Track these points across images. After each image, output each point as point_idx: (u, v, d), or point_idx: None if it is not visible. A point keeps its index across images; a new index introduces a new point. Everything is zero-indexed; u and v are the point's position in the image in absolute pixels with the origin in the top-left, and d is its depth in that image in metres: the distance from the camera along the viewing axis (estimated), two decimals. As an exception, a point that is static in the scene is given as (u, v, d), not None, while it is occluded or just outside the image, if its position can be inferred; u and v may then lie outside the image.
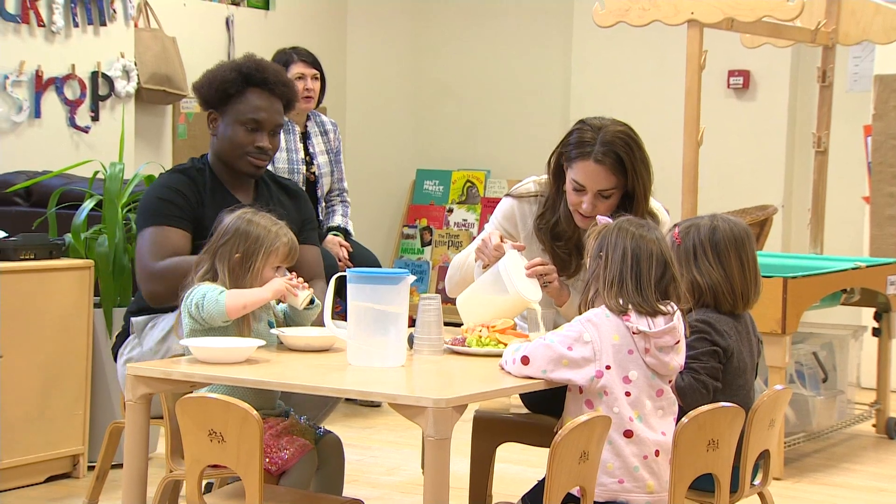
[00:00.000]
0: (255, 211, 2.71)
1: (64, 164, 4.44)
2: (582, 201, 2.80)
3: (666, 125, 5.99)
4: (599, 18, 4.31)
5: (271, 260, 2.65)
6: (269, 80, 3.00)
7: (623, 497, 2.38)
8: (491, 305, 2.72)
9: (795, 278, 3.97)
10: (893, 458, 4.41)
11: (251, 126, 2.98)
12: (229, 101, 2.98)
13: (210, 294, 2.57)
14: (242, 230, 2.66)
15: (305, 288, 2.67)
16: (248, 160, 2.99)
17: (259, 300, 2.60)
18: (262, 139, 2.98)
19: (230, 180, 3.01)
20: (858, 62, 6.12)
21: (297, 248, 2.71)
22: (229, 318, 2.57)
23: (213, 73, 3.05)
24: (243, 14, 6.02)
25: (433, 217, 6.96)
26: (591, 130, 2.79)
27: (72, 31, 5.00)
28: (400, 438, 4.42)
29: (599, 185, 2.78)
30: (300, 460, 2.58)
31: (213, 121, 3.03)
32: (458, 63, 6.96)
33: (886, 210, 5.59)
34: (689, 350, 2.52)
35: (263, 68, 3.02)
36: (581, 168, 2.78)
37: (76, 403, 3.75)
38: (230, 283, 2.62)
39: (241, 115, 2.98)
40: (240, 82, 2.99)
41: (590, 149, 2.77)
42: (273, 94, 3.01)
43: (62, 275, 3.70)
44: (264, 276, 2.64)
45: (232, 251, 2.64)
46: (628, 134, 2.80)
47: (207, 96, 3.02)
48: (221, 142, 3.00)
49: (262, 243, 2.64)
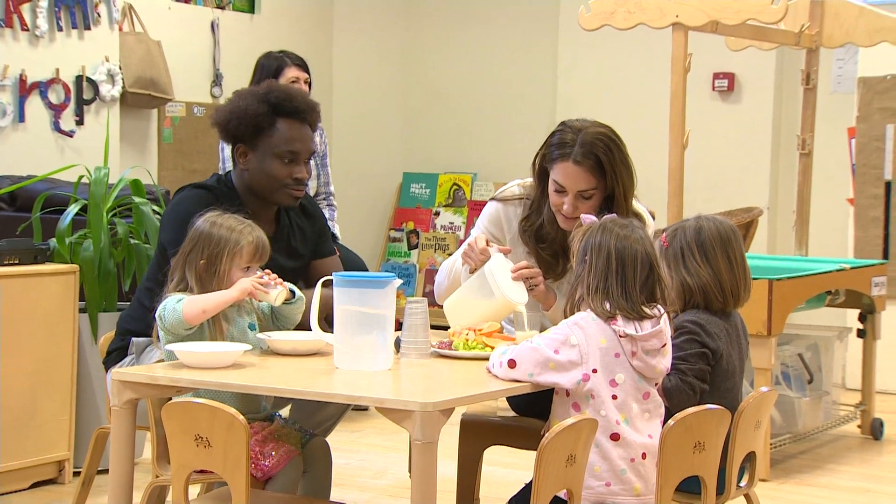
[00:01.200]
0: (220, 213, 2.68)
1: (48, 168, 4.42)
2: (563, 202, 2.81)
3: (652, 128, 6.01)
4: (585, 21, 4.32)
5: (237, 261, 2.62)
6: (300, 109, 2.92)
7: (610, 500, 2.38)
8: (478, 309, 2.73)
9: (781, 280, 3.99)
10: (878, 458, 4.43)
11: (288, 158, 2.89)
12: (260, 134, 2.89)
13: (169, 303, 2.55)
14: (206, 234, 2.62)
15: (279, 284, 2.63)
16: (286, 192, 2.91)
17: (222, 302, 2.56)
18: (300, 171, 2.91)
19: (258, 212, 2.91)
20: (842, 64, 6.15)
21: (264, 246, 2.66)
22: (190, 325, 2.54)
23: (237, 105, 2.92)
24: (228, 17, 6.01)
25: (420, 220, 6.96)
26: (572, 132, 2.81)
27: (56, 35, 4.98)
28: (387, 442, 4.41)
29: (579, 186, 2.79)
30: (286, 466, 2.57)
31: (243, 154, 2.93)
32: (444, 66, 6.97)
33: (870, 212, 5.62)
34: (678, 351, 2.53)
35: (292, 97, 2.93)
36: (561, 169, 2.80)
37: (62, 409, 3.73)
38: (198, 289, 2.60)
39: (277, 147, 2.89)
40: (270, 114, 2.90)
41: (569, 150, 2.78)
42: (304, 122, 2.93)
43: (47, 280, 3.68)
44: (232, 279, 2.61)
45: (197, 258, 2.62)
46: (608, 135, 2.81)
47: (236, 132, 2.91)
48: (255, 175, 2.91)
49: (226, 245, 2.61)
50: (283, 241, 2.98)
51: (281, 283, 2.64)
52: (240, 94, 2.99)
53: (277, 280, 2.64)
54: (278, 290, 2.63)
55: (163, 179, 5.54)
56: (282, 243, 2.97)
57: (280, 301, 2.64)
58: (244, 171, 2.94)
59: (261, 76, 4.43)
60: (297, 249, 3.02)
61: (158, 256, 2.89)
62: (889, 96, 5.56)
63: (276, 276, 2.65)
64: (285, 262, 2.92)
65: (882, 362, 4.93)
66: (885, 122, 5.57)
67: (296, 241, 3.02)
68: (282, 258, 2.93)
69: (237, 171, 2.97)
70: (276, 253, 2.90)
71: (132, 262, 3.87)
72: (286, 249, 2.98)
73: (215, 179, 3.00)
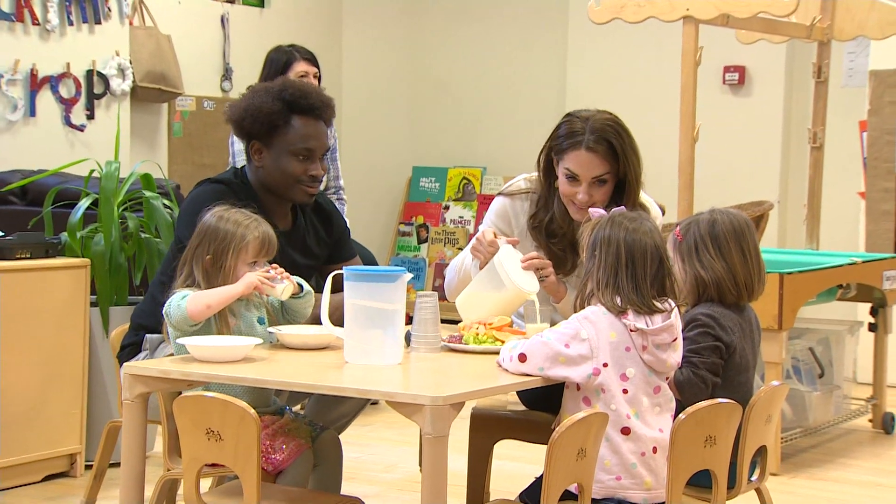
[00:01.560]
0: (227, 207, 2.68)
1: (59, 162, 4.43)
2: (577, 191, 2.81)
3: (662, 122, 6.00)
4: (595, 15, 4.31)
5: (243, 256, 2.62)
6: (315, 106, 2.91)
7: (620, 494, 2.38)
8: (489, 302, 2.72)
9: (791, 274, 3.98)
10: (890, 452, 4.42)
11: (303, 155, 2.89)
12: (276, 131, 2.88)
13: (174, 300, 2.55)
14: (212, 230, 2.63)
15: (286, 278, 2.63)
16: (301, 189, 2.91)
17: (227, 297, 2.56)
18: (315, 167, 2.90)
19: (273, 208, 2.91)
20: (853, 58, 6.13)
21: (271, 241, 2.66)
22: (195, 321, 2.54)
23: (251, 102, 2.91)
24: (238, 12, 6.02)
25: (429, 214, 6.96)
26: (580, 121, 2.82)
27: (66, 30, 4.99)
28: (398, 436, 4.42)
29: (594, 173, 2.80)
30: (296, 460, 2.58)
31: (258, 151, 2.92)
32: (453, 60, 6.96)
33: (882, 205, 5.60)
34: (691, 344, 2.52)
35: (307, 94, 2.92)
36: (574, 157, 2.80)
37: (73, 402, 3.75)
38: (205, 284, 2.59)
39: (292, 145, 2.88)
40: (285, 111, 2.89)
41: (581, 138, 2.79)
42: (319, 118, 2.93)
43: (58, 273, 3.69)
44: (238, 273, 2.61)
45: (203, 253, 2.62)
46: (616, 121, 2.84)
47: (251, 129, 2.90)
48: (271, 172, 2.90)
49: (232, 240, 2.61)
50: (298, 237, 2.97)
51: (288, 278, 2.64)
52: (254, 90, 2.97)
53: (284, 274, 2.64)
54: (284, 285, 2.62)
55: (173, 174, 5.55)
56: (297, 240, 2.97)
57: (287, 295, 2.64)
58: (259, 168, 2.93)
59: (270, 70, 4.43)
60: (312, 248, 3.01)
61: (174, 250, 2.89)
62: (901, 89, 5.54)
63: (283, 271, 2.65)
64: (300, 260, 2.92)
65: (893, 356, 4.92)
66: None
67: (311, 239, 3.01)
68: (297, 255, 2.92)
69: (252, 167, 2.96)
70: (291, 249, 2.90)
71: (143, 256, 3.88)
72: (301, 247, 2.98)
73: (232, 173, 2.99)
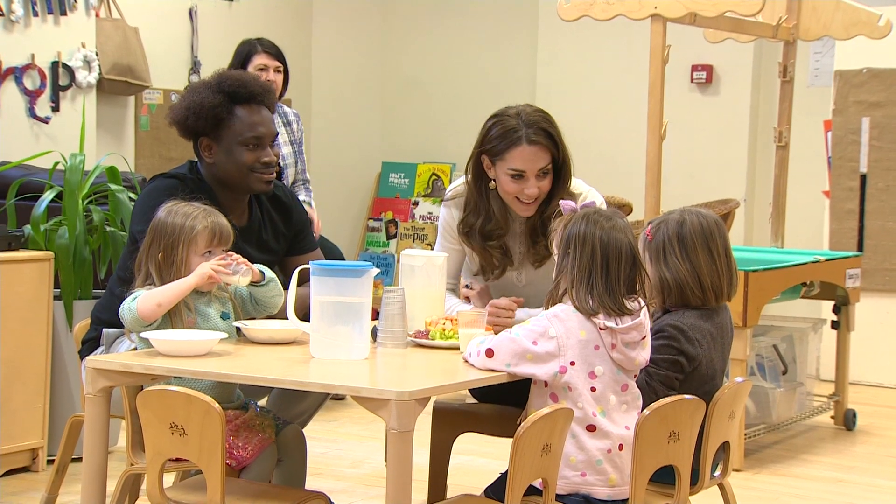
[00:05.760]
0: (178, 202, 2.66)
1: (23, 154, 4.38)
2: (523, 188, 2.82)
3: (630, 119, 6.02)
4: (564, 12, 4.32)
5: (193, 248, 2.59)
6: (256, 93, 2.91)
7: (585, 490, 2.39)
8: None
9: (756, 272, 4.01)
10: (851, 449, 4.47)
11: (253, 143, 2.89)
12: (221, 124, 2.88)
13: (126, 303, 2.53)
14: (161, 225, 2.61)
15: (243, 265, 2.60)
16: (256, 177, 2.90)
17: (180, 291, 2.54)
18: (267, 154, 2.91)
19: (228, 203, 2.91)
20: (819, 58, 6.18)
21: (223, 230, 2.64)
22: (147, 322, 2.52)
23: (192, 100, 2.91)
24: (207, 4, 5.97)
25: (398, 210, 6.95)
26: (512, 118, 2.84)
27: (31, 21, 4.94)
28: (365, 431, 4.41)
29: (539, 165, 2.81)
30: (260, 455, 2.57)
31: (207, 147, 2.91)
32: (424, 56, 6.95)
33: (846, 204, 5.66)
34: (654, 353, 2.50)
35: (245, 83, 2.92)
36: (517, 154, 2.81)
37: (35, 396, 3.71)
38: (159, 282, 2.57)
39: (241, 135, 2.88)
40: (227, 103, 2.89)
41: (519, 133, 2.81)
42: (262, 104, 2.93)
43: (22, 267, 3.65)
44: (191, 267, 2.58)
45: (156, 250, 2.60)
46: (543, 111, 2.87)
47: (196, 126, 2.90)
48: (224, 166, 2.90)
49: (181, 233, 2.59)
50: (253, 233, 2.96)
51: (246, 264, 2.61)
52: (191, 88, 2.96)
53: (241, 261, 2.61)
54: (242, 270, 2.59)
55: (139, 167, 5.50)
56: (252, 235, 2.96)
57: (245, 283, 2.61)
58: (212, 165, 2.92)
59: (233, 63, 4.41)
60: (269, 243, 3.00)
61: (129, 246, 2.88)
62: (865, 90, 5.60)
63: (241, 258, 2.62)
64: (256, 255, 2.90)
65: (856, 354, 4.97)
66: (860, 115, 5.60)
67: (267, 234, 3.00)
68: (252, 250, 2.91)
69: (204, 164, 2.95)
70: (246, 244, 2.88)
71: (108, 249, 3.85)
72: (257, 242, 2.97)
73: (187, 168, 2.98)
